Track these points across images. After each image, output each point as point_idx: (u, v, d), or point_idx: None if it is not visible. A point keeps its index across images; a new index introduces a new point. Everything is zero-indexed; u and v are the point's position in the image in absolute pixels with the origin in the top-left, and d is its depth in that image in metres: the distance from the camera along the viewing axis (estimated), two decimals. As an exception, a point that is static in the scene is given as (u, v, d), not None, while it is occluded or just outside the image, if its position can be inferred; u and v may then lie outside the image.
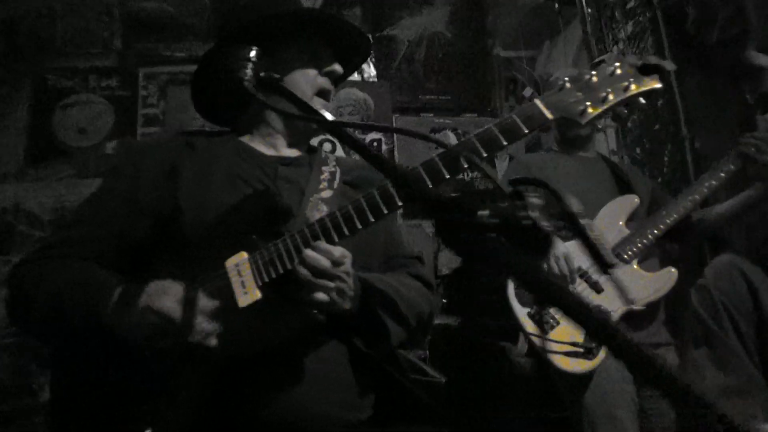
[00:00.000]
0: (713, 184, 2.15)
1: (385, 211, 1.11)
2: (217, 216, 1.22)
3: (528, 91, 3.94)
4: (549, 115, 1.11)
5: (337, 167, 1.46)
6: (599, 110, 1.12)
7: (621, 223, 2.22)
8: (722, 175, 2.15)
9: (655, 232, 2.16)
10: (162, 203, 1.25)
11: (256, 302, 1.09)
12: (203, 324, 1.06)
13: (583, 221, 0.57)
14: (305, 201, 1.33)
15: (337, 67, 1.44)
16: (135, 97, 3.96)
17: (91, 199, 1.34)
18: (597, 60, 2.90)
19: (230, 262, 1.13)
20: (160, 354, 1.07)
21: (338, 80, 1.49)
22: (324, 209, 1.33)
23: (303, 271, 1.10)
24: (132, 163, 1.33)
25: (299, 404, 1.13)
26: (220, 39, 1.41)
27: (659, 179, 2.73)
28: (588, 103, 1.12)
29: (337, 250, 1.09)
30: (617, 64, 1.17)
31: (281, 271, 1.11)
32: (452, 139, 4.11)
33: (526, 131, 1.11)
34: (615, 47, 2.98)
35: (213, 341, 1.07)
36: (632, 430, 2.05)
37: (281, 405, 1.12)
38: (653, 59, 1.16)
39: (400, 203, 1.11)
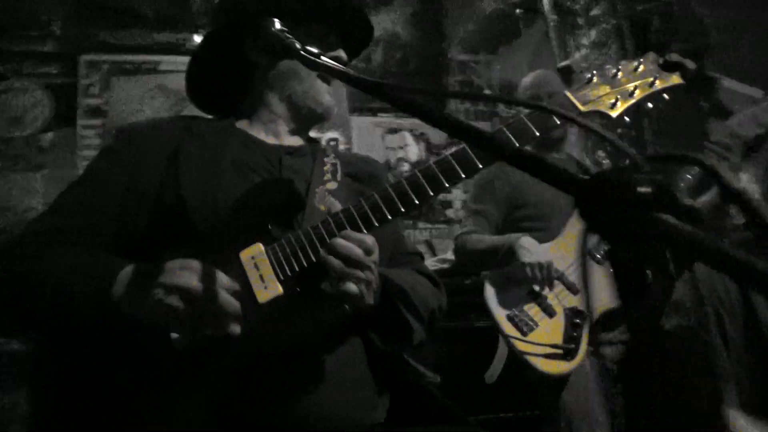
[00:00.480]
0: (681, 186, 2.23)
1: (417, 202, 1.06)
2: (227, 205, 1.14)
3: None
4: (581, 108, 1.09)
5: (337, 159, 1.40)
6: (627, 104, 1.12)
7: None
8: (689, 177, 2.23)
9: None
10: (164, 191, 1.15)
11: (277, 298, 1.02)
12: (227, 300, 0.96)
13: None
14: (311, 192, 1.26)
15: (342, 54, 1.39)
16: (75, 86, 3.70)
17: (82, 184, 1.22)
18: (562, 65, 2.96)
19: (246, 255, 1.05)
20: (174, 347, 0.97)
21: None
22: (331, 201, 1.27)
23: (333, 261, 1.03)
24: (130, 147, 1.22)
25: (318, 405, 1.07)
26: (226, 19, 1.34)
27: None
28: (618, 97, 1.11)
29: (369, 239, 1.04)
30: (641, 59, 1.17)
31: (305, 263, 1.04)
32: (410, 140, 4.10)
33: (558, 122, 1.10)
34: (578, 53, 3.05)
35: (236, 327, 0.96)
36: (606, 427, 2.09)
37: (300, 406, 1.06)
38: (675, 57, 1.18)
39: (432, 193, 1.07)
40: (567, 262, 2.18)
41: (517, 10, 3.47)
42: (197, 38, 3.90)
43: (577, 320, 2.08)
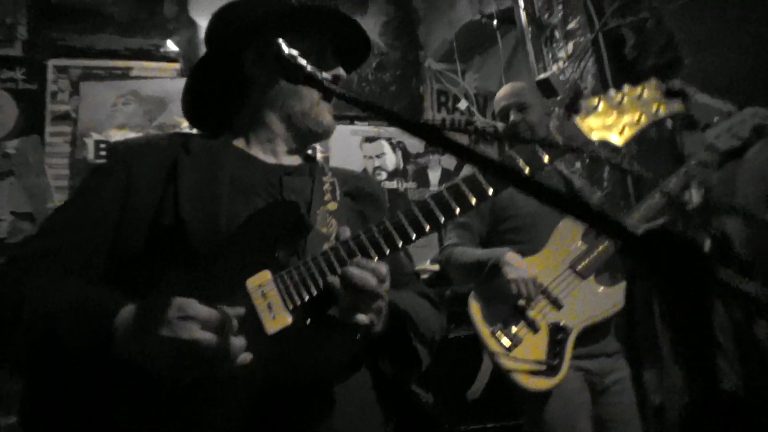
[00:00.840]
0: (663, 200, 2.27)
1: (428, 229, 1.06)
2: (228, 228, 1.10)
3: (463, 104, 4.01)
4: (591, 137, 1.10)
5: (334, 177, 1.38)
6: (634, 132, 1.14)
7: (578, 238, 2.29)
8: (670, 191, 2.28)
9: (608, 245, 2.25)
10: (162, 212, 1.12)
11: (286, 328, 1.00)
12: (235, 343, 0.93)
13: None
14: (313, 214, 1.24)
15: (342, 72, 1.37)
16: (43, 92, 3.58)
17: (72, 203, 1.17)
18: (541, 78, 3.00)
19: (252, 283, 1.02)
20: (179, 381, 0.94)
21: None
22: (333, 223, 1.26)
23: (346, 291, 1.01)
24: (123, 164, 1.18)
25: None
26: (225, 34, 1.30)
27: (599, 194, 2.86)
28: (624, 124, 1.13)
29: (384, 267, 1.02)
30: (645, 85, 1.19)
31: (315, 292, 1.02)
32: (387, 148, 4.10)
33: (566, 150, 1.10)
34: (555, 65, 3.10)
35: (246, 356, 0.95)
36: (590, 439, 2.12)
37: None
38: (677, 84, 1.20)
39: (443, 220, 1.06)
40: (551, 276, 2.20)
41: (494, 21, 3.51)
42: (170, 44, 3.83)
43: (561, 336, 2.10)
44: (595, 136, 1.11)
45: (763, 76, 2.77)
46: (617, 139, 1.12)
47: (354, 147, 4.03)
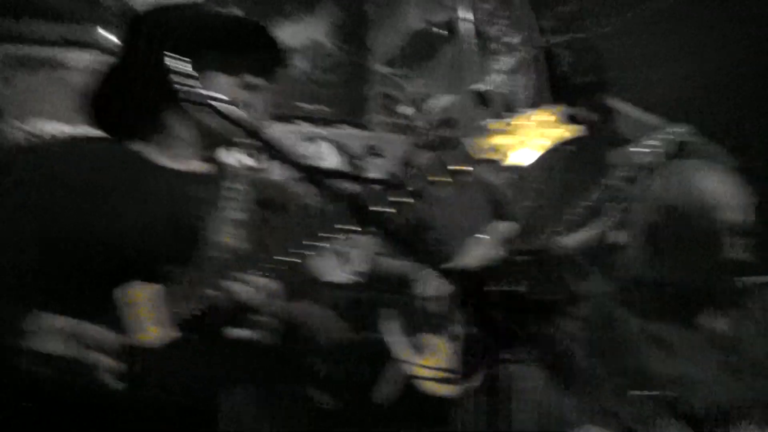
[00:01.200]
0: (584, 212, 2.34)
1: (324, 245, 1.05)
2: (121, 239, 1.08)
3: (406, 109, 4.03)
4: (476, 157, 1.13)
5: (246, 185, 1.36)
6: (534, 154, 1.16)
7: (499, 248, 2.35)
8: (592, 204, 2.35)
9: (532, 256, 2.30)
10: (53, 221, 1.08)
11: (176, 341, 0.99)
12: (99, 361, 0.93)
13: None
14: (214, 224, 1.22)
15: (254, 79, 1.33)
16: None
17: None
18: (474, 88, 3.05)
19: (138, 295, 1.01)
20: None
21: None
22: (235, 233, 1.24)
23: (227, 305, 1.01)
24: (9, 172, 1.14)
25: None
26: (136, 38, 1.27)
27: (527, 203, 2.93)
28: (524, 147, 1.15)
29: (272, 283, 1.02)
30: (547, 109, 1.22)
31: (202, 306, 1.01)
32: (324, 149, 4.06)
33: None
34: (495, 77, 3.16)
35: (114, 382, 0.93)
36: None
37: None
38: (575, 111, 1.23)
39: (339, 237, 1.06)
40: (469, 286, 2.24)
41: (440, 30, 3.56)
42: (104, 33, 3.69)
43: (473, 344, 2.16)
44: (481, 157, 1.13)
45: (695, 94, 2.89)
46: (516, 161, 1.14)
47: (292, 147, 3.99)
